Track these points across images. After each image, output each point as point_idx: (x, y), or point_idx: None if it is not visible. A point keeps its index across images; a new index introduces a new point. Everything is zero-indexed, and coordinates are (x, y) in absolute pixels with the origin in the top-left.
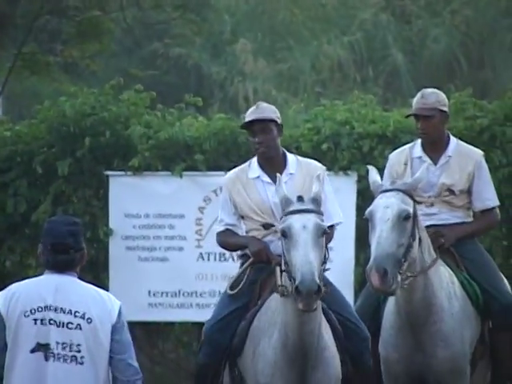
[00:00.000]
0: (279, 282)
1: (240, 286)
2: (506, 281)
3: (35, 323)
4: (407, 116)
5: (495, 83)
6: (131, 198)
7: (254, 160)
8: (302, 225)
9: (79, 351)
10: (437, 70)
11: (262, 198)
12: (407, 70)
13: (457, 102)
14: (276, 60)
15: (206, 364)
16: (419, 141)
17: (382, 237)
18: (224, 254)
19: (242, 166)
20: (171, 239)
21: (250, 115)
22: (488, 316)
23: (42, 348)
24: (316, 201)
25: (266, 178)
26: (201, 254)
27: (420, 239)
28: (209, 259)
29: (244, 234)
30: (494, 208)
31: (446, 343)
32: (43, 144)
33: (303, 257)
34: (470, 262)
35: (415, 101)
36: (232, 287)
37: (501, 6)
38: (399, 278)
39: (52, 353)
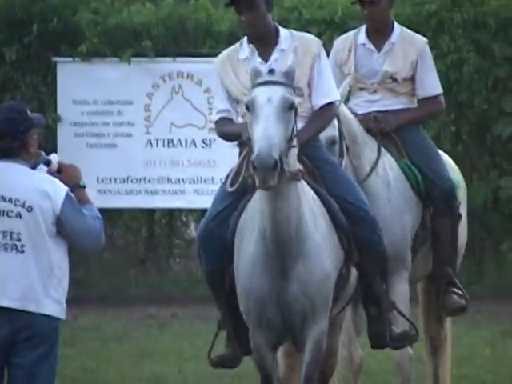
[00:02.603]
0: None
1: (240, 180)
2: (451, 165)
3: None
4: (353, 2)
5: None
6: (79, 84)
7: (245, 39)
8: (267, 97)
9: (19, 240)
10: None
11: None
12: None
13: None
14: None
15: (208, 271)
16: (364, 27)
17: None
18: (172, 140)
19: (234, 45)
20: (119, 125)
21: None
22: (429, 202)
23: None
24: (288, 74)
25: (257, 58)
26: (149, 140)
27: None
28: (157, 145)
29: (240, 119)
30: (437, 95)
31: (384, 230)
32: None
33: (263, 130)
34: (412, 147)
35: None
36: (232, 183)
37: None
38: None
39: None
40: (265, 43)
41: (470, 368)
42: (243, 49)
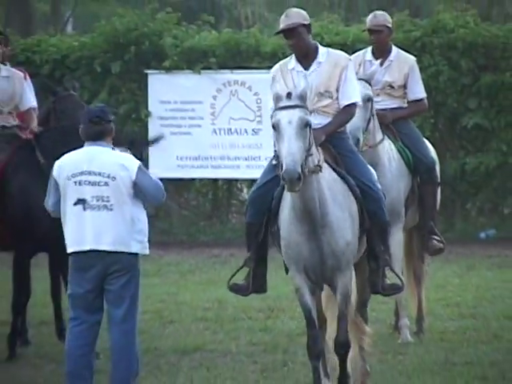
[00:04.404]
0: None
1: None
2: (430, 148)
3: (75, 184)
4: (363, 30)
5: (425, 7)
6: (164, 89)
7: (294, 55)
8: (288, 120)
9: (108, 201)
10: (382, 0)
11: (294, 84)
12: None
13: (397, 20)
14: None
15: (250, 223)
16: (370, 48)
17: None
18: (231, 129)
19: (287, 58)
20: (193, 119)
21: (281, 23)
22: (417, 174)
23: (81, 202)
24: (302, 96)
25: (300, 68)
26: (214, 129)
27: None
28: (220, 133)
29: None
30: (422, 99)
31: (388, 192)
32: (101, 51)
33: (287, 149)
34: (404, 135)
35: (369, 19)
36: (276, 157)
37: None
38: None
39: (88, 204)
40: (307, 57)
41: (445, 293)
42: (291, 61)
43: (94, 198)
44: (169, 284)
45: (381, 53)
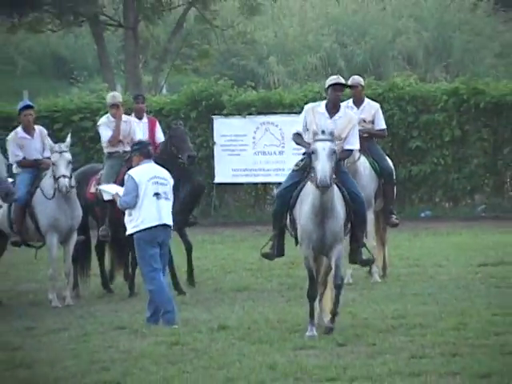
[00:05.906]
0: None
1: (301, 165)
2: (389, 161)
3: (153, 184)
4: (347, 87)
5: (384, 73)
6: (223, 127)
7: (324, 102)
8: (323, 148)
9: (169, 194)
10: (358, 69)
11: (321, 124)
12: (346, 70)
13: (367, 82)
14: (288, 64)
15: (276, 210)
16: (351, 99)
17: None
18: (265, 152)
19: (318, 102)
20: (241, 145)
21: (334, 80)
22: (382, 177)
23: (156, 195)
24: (331, 133)
25: (327, 115)
26: (255, 152)
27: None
28: (259, 154)
29: (306, 137)
30: (384, 129)
31: (364, 189)
32: (184, 104)
33: (321, 167)
34: (372, 151)
35: (350, 80)
36: (297, 165)
37: (388, 37)
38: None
39: (161, 196)
40: (334, 108)
41: (399, 251)
42: (321, 106)
43: (163, 192)
44: (228, 248)
45: (358, 101)
